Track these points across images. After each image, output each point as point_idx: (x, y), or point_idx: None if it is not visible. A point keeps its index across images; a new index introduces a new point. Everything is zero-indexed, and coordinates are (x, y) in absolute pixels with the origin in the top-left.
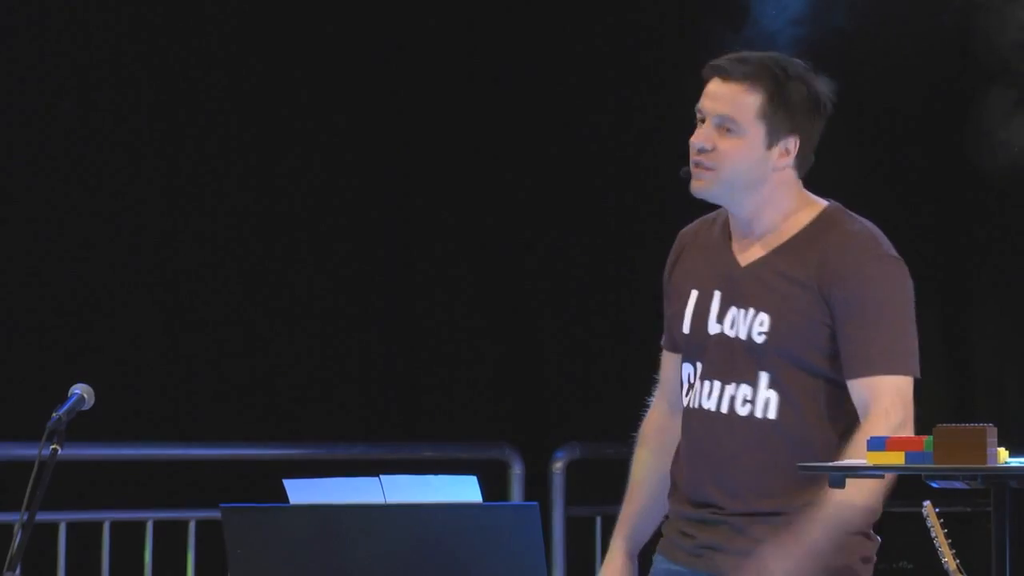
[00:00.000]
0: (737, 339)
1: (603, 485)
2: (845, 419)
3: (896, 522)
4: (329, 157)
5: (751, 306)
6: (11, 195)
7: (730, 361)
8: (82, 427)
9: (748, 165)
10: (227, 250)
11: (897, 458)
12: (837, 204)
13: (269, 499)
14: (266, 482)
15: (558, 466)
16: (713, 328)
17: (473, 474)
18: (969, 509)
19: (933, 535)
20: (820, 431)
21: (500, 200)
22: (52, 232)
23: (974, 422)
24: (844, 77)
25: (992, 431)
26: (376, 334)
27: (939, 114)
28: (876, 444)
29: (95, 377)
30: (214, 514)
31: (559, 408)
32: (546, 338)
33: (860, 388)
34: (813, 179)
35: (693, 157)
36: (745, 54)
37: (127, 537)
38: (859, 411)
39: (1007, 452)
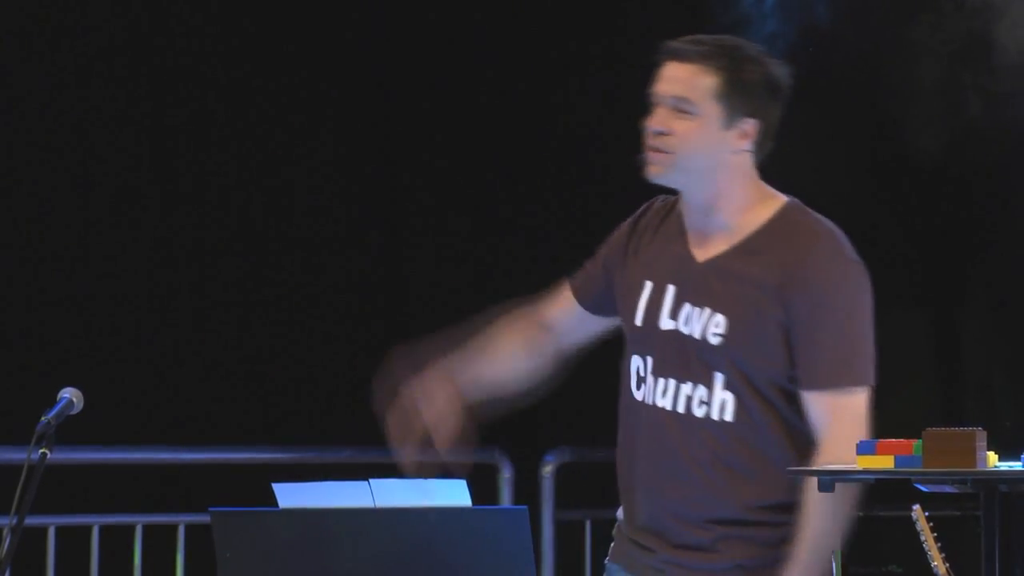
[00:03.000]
0: (691, 337)
1: (593, 489)
2: (802, 428)
3: (885, 526)
4: (321, 162)
5: (707, 305)
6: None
7: (684, 359)
8: (71, 431)
9: (704, 147)
10: (216, 255)
11: (887, 462)
12: (796, 201)
13: (258, 503)
14: (256, 486)
15: (548, 470)
16: (665, 324)
17: (462, 478)
18: (959, 513)
19: (922, 539)
20: (778, 437)
21: (490, 203)
22: (41, 236)
23: (963, 426)
24: (830, 74)
25: (982, 435)
26: (366, 337)
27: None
28: (866, 448)
29: (84, 381)
30: (203, 518)
31: (549, 412)
32: None
33: (818, 402)
34: (799, 180)
35: (649, 141)
36: (700, 36)
37: (116, 541)
38: (815, 424)
39: (996, 456)
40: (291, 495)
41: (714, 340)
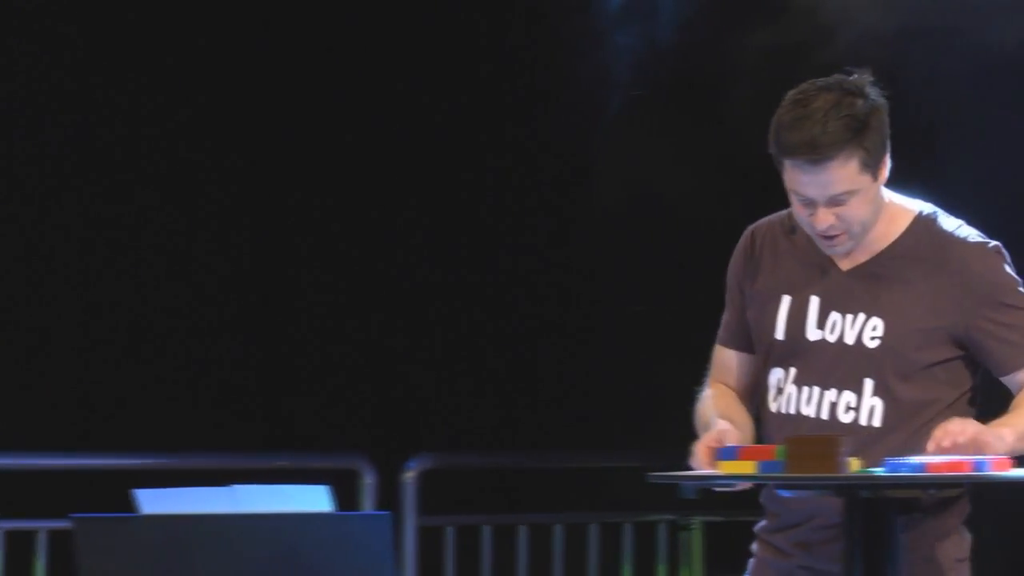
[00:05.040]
0: (841, 344)
1: (456, 495)
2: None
3: (747, 532)
4: (196, 164)
5: (860, 311)
6: None
7: (831, 367)
8: None
9: (871, 208)
10: (81, 259)
11: (749, 467)
12: (927, 204)
13: (122, 510)
14: (118, 492)
15: (410, 476)
16: (813, 334)
17: (327, 484)
18: None
19: None
20: (926, 440)
21: (363, 209)
22: None
23: None
24: (674, 85)
25: (845, 440)
26: (231, 343)
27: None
28: (728, 453)
29: None
30: (65, 524)
31: (412, 418)
32: (401, 348)
33: None
34: (660, 185)
35: (818, 234)
36: (811, 113)
37: None
38: None
39: (859, 462)
40: (153, 501)
41: (871, 344)
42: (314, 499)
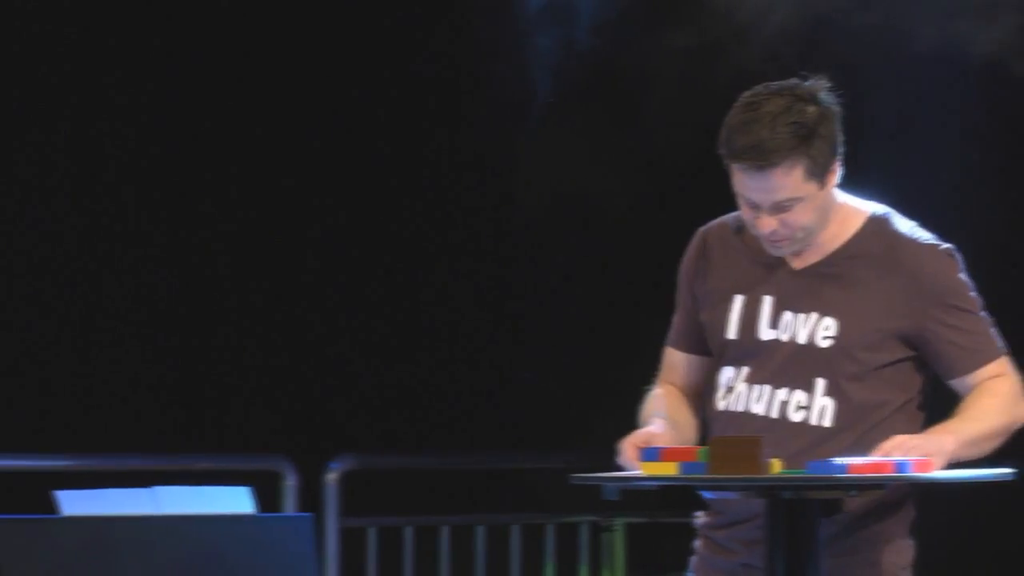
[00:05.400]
0: (793, 343)
1: (378, 496)
2: (904, 430)
3: (669, 532)
4: (112, 168)
5: (813, 311)
6: None
7: (783, 366)
8: None
9: (816, 216)
10: (3, 255)
11: (671, 468)
12: (880, 206)
13: (42, 511)
14: (38, 494)
15: (332, 477)
16: (766, 334)
17: (249, 485)
18: None
19: None
20: (876, 441)
21: (278, 208)
22: None
23: None
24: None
25: (766, 440)
26: (152, 344)
27: None
28: (650, 455)
29: None
30: None
31: (335, 419)
32: (323, 349)
33: (978, 377)
34: (584, 184)
35: (763, 237)
36: (760, 118)
37: None
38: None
39: (781, 463)
40: (75, 502)
41: (824, 343)
42: (236, 501)
